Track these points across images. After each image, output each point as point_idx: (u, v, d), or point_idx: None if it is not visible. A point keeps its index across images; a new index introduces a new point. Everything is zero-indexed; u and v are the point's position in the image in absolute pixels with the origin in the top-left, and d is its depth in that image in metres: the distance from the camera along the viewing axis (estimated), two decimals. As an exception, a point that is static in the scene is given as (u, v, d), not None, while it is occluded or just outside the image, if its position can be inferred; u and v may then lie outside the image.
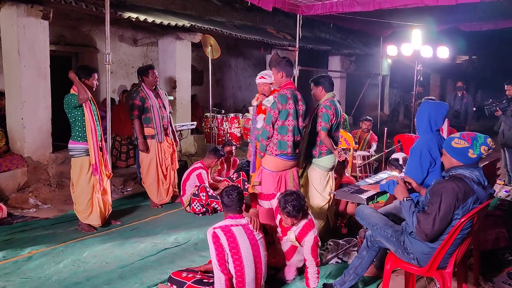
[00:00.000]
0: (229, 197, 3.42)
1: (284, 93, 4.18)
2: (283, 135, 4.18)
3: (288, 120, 4.16)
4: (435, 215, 2.85)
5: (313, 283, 3.61)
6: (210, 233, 3.28)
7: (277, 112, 4.13)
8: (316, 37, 13.66)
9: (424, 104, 3.75)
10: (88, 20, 8.16)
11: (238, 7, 11.17)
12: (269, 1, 6.77)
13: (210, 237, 3.27)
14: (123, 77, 9.22)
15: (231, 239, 3.28)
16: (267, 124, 4.18)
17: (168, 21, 7.79)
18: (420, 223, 2.91)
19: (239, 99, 12.60)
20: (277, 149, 4.19)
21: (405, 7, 6.75)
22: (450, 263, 3.03)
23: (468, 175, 2.92)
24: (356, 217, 3.57)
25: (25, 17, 6.01)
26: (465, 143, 2.95)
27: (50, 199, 6.09)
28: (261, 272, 3.40)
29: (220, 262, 3.23)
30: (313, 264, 3.60)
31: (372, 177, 4.97)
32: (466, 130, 8.70)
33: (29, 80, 6.14)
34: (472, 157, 2.94)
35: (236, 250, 3.27)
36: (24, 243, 4.61)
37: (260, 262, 3.39)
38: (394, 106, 16.69)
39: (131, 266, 4.14)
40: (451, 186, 2.86)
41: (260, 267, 3.40)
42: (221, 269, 3.22)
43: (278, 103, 4.12)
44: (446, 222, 2.88)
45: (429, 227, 2.88)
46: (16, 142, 6.28)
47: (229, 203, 3.43)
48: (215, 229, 3.30)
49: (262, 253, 3.42)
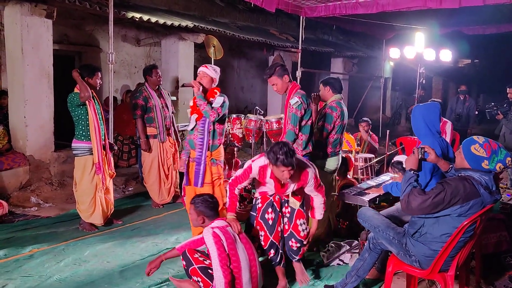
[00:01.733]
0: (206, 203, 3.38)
1: (304, 93, 4.18)
2: (306, 135, 4.17)
3: (310, 119, 4.21)
4: (428, 197, 2.85)
5: (319, 215, 3.54)
6: (210, 233, 3.19)
7: (303, 112, 4.12)
8: (319, 39, 13.67)
9: (415, 110, 3.75)
10: (91, 20, 8.17)
11: (241, 8, 11.18)
12: (272, 2, 6.76)
13: (210, 237, 3.17)
14: (126, 76, 9.22)
15: (229, 240, 3.24)
16: (294, 126, 4.10)
17: (172, 22, 7.80)
18: (411, 195, 2.91)
19: (241, 100, 12.60)
20: (302, 149, 4.15)
21: (408, 10, 6.73)
22: (452, 266, 3.03)
23: (477, 178, 2.90)
24: (358, 219, 3.57)
25: (29, 15, 6.02)
26: (484, 153, 2.90)
27: (51, 198, 6.10)
28: (256, 272, 3.35)
29: (222, 263, 3.12)
30: (319, 196, 3.52)
31: (374, 179, 4.98)
32: (469, 133, 8.70)
33: (32, 78, 6.15)
34: (484, 168, 2.92)
35: (234, 251, 3.22)
36: (26, 241, 4.61)
37: (254, 260, 3.35)
38: (396, 109, 16.67)
39: (132, 265, 4.14)
40: (458, 184, 2.86)
41: (255, 269, 3.35)
42: (222, 270, 3.11)
43: (303, 103, 4.11)
44: (433, 209, 2.87)
45: (418, 203, 2.87)
46: (19, 140, 6.28)
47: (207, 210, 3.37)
48: (213, 229, 3.24)
49: (255, 254, 3.40)
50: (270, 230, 3.64)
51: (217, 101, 4.43)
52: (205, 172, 4.48)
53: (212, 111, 4.33)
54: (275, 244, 3.63)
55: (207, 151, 4.45)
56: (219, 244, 3.15)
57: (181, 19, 8.35)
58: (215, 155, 4.55)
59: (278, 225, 3.66)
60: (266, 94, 11.85)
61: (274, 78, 4.24)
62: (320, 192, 3.51)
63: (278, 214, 3.67)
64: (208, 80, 4.48)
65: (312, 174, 3.51)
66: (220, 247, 3.15)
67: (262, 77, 7.67)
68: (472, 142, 2.98)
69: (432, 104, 3.78)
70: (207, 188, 4.48)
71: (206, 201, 3.39)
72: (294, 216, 3.66)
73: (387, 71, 14.82)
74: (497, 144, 2.95)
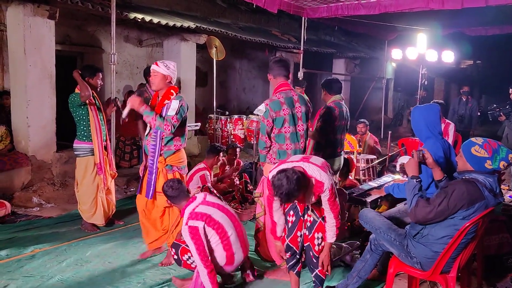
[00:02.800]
0: (173, 188, 3.51)
1: (277, 99, 3.82)
2: (281, 144, 3.85)
3: (285, 127, 3.83)
4: (433, 207, 2.86)
5: (330, 238, 3.27)
6: (186, 230, 3.30)
7: (271, 121, 3.80)
8: (321, 40, 13.67)
9: (415, 111, 3.73)
10: (93, 20, 8.19)
11: (243, 9, 11.18)
12: (274, 3, 6.77)
13: (187, 233, 3.29)
14: (128, 77, 9.24)
15: (208, 219, 3.34)
16: (263, 134, 3.87)
17: (173, 22, 7.81)
18: (418, 208, 2.92)
19: (243, 101, 12.61)
20: (275, 157, 3.87)
21: (411, 11, 6.73)
22: (454, 267, 3.02)
23: (481, 181, 2.90)
24: (360, 221, 3.56)
25: (31, 16, 6.03)
26: (485, 153, 2.90)
27: (53, 198, 6.11)
28: (239, 227, 3.53)
29: (202, 255, 3.25)
30: (331, 216, 3.22)
31: (375, 180, 4.97)
32: (471, 135, 8.69)
33: (35, 79, 6.17)
34: (488, 168, 2.92)
35: (217, 226, 3.36)
36: (27, 241, 4.62)
37: (236, 221, 3.54)
38: (398, 110, 16.67)
39: (134, 266, 4.15)
40: (462, 189, 2.85)
41: (240, 229, 3.53)
42: (203, 262, 3.24)
43: (271, 111, 3.78)
44: (440, 217, 2.89)
45: (424, 215, 2.90)
46: (21, 141, 6.29)
47: (176, 193, 3.51)
48: (187, 224, 3.32)
49: (236, 216, 3.58)
50: (288, 233, 3.46)
51: (172, 106, 3.93)
52: (156, 181, 4.06)
53: (166, 124, 3.84)
54: (292, 247, 3.44)
55: (161, 157, 4.04)
56: (196, 237, 3.26)
57: (183, 20, 8.36)
58: (171, 161, 4.09)
59: (297, 230, 3.42)
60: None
61: (268, 75, 4.02)
62: (333, 211, 3.19)
63: (299, 219, 3.41)
64: (160, 79, 4.03)
65: (328, 185, 3.16)
66: (198, 240, 3.26)
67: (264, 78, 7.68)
68: (472, 144, 2.97)
69: (431, 105, 3.77)
70: (159, 199, 4.08)
71: (172, 186, 3.53)
72: (314, 228, 3.37)
73: (389, 72, 14.81)
74: (497, 143, 2.96)
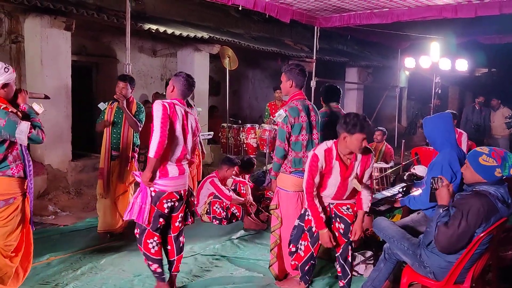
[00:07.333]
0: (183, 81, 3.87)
1: (295, 105, 3.82)
2: (297, 152, 3.83)
3: (302, 134, 3.82)
4: (453, 231, 2.81)
5: (366, 206, 3.41)
6: (160, 103, 3.46)
7: (290, 127, 3.78)
8: (334, 49, 13.67)
9: (427, 121, 3.73)
10: (109, 31, 8.31)
11: (256, 19, 11.25)
12: (287, 13, 6.81)
13: (159, 105, 3.43)
14: (142, 87, 9.33)
15: (173, 114, 3.50)
16: (281, 141, 3.78)
17: (187, 33, 7.90)
18: (439, 235, 2.88)
19: (255, 110, 12.65)
20: (291, 166, 3.82)
21: (424, 20, 6.73)
22: (468, 278, 2.99)
23: (493, 193, 2.85)
24: (374, 229, 3.56)
25: (48, 28, 6.17)
26: (493, 162, 2.85)
27: (68, 207, 6.17)
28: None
29: (162, 125, 3.37)
30: (369, 188, 3.41)
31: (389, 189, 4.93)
32: (485, 143, 8.59)
33: (51, 89, 6.26)
34: (498, 176, 2.86)
35: (174, 120, 3.50)
36: (43, 249, 4.64)
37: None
38: (412, 119, 16.55)
39: (148, 274, 4.16)
40: (477, 205, 2.79)
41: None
42: (161, 131, 3.35)
43: (290, 117, 3.76)
44: (464, 239, 2.83)
45: (446, 241, 2.84)
46: (37, 149, 6.40)
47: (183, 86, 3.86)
48: (163, 102, 3.49)
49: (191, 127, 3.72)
50: (313, 241, 3.48)
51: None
52: None
53: None
54: (314, 257, 3.47)
55: None
56: (165, 112, 3.42)
57: (197, 30, 8.44)
58: None
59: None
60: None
61: (283, 75, 3.99)
62: (371, 185, 3.40)
63: None
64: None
65: (374, 158, 3.43)
66: (164, 115, 3.41)
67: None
68: (478, 154, 2.92)
69: (443, 113, 3.76)
70: None
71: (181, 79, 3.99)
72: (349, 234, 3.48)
73: (402, 80, 14.74)
74: (503, 150, 2.92)
